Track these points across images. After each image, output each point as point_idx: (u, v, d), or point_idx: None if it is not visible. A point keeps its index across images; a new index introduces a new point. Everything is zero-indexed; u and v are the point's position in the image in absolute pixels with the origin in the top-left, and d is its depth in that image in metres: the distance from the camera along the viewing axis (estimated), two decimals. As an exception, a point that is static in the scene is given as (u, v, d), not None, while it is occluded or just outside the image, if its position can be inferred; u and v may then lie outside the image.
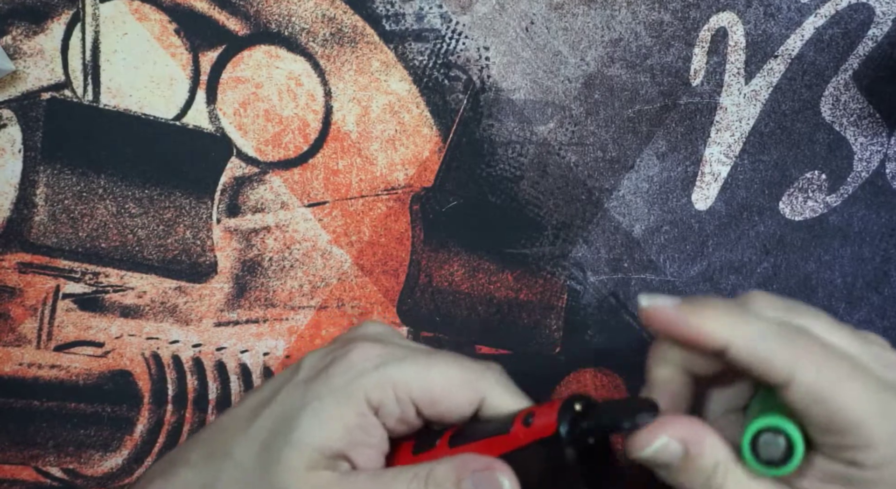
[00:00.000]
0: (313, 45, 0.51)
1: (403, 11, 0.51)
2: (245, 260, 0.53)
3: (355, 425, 0.41)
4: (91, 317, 0.53)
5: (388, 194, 0.53)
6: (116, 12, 0.51)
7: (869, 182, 0.54)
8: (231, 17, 0.51)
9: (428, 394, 0.41)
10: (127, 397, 0.54)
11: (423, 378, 0.41)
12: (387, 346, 0.42)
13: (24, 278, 0.53)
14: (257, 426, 0.42)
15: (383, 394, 0.41)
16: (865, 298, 0.55)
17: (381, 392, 0.41)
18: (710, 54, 0.52)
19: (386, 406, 0.41)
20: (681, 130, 0.53)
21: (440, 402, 0.41)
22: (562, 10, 0.52)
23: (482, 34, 0.52)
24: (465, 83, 0.52)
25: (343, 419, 0.41)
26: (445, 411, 0.42)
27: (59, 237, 0.53)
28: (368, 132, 0.52)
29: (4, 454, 0.55)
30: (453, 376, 0.42)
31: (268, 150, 0.52)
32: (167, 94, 0.51)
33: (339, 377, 0.41)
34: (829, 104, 0.53)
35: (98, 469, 0.55)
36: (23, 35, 0.51)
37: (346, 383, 0.41)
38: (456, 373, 0.42)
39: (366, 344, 0.43)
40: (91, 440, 0.55)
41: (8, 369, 0.54)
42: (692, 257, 0.54)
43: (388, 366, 0.41)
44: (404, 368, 0.41)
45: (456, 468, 0.40)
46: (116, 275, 0.53)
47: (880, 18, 0.52)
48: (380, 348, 0.42)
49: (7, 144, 0.52)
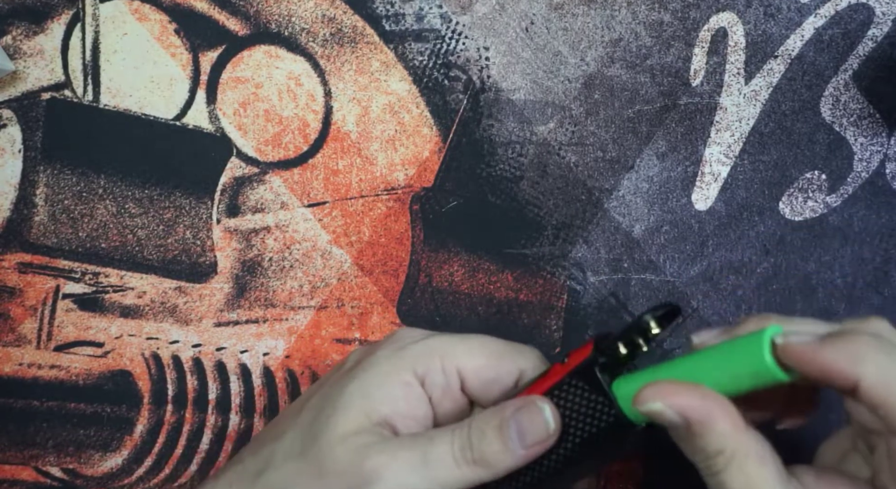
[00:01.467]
0: (313, 46, 0.51)
1: (403, 11, 0.51)
2: (245, 260, 0.53)
3: (402, 394, 0.41)
4: (91, 317, 0.53)
5: (388, 194, 0.53)
6: (116, 12, 0.51)
7: (869, 182, 0.54)
8: (231, 17, 0.51)
9: (472, 362, 0.42)
10: (127, 397, 0.54)
11: (466, 348, 0.43)
12: (429, 331, 0.44)
13: (24, 278, 0.53)
14: (307, 408, 0.43)
15: (429, 362, 0.42)
16: (866, 299, 0.55)
17: (427, 361, 0.42)
18: (710, 54, 0.52)
19: (431, 375, 0.42)
20: (681, 130, 0.53)
21: (483, 372, 0.42)
22: (562, 10, 0.52)
23: (482, 34, 0.52)
24: (465, 83, 0.52)
25: (389, 387, 0.41)
26: (488, 381, 0.42)
27: (59, 237, 0.53)
28: (368, 132, 0.52)
29: (4, 454, 0.55)
30: (494, 348, 0.43)
31: (268, 150, 0.52)
32: (167, 94, 0.51)
33: (385, 350, 0.43)
34: (829, 104, 0.53)
35: (98, 469, 0.55)
36: (23, 35, 0.51)
37: (391, 353, 0.42)
38: (496, 346, 0.43)
39: (409, 328, 0.45)
40: (91, 440, 0.55)
41: (8, 369, 0.54)
42: (692, 257, 0.54)
43: (433, 339, 0.43)
44: (448, 340, 0.43)
45: (496, 413, 0.41)
46: (116, 275, 0.53)
47: (880, 19, 0.52)
48: (423, 331, 0.44)
49: (7, 144, 0.52)
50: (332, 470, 0.40)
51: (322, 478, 0.40)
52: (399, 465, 0.39)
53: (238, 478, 0.43)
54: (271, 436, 0.43)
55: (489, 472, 0.40)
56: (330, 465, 0.40)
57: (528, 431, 0.40)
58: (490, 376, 0.43)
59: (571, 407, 0.40)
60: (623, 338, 0.40)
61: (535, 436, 0.40)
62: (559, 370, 0.41)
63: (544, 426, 0.40)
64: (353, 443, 0.40)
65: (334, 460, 0.40)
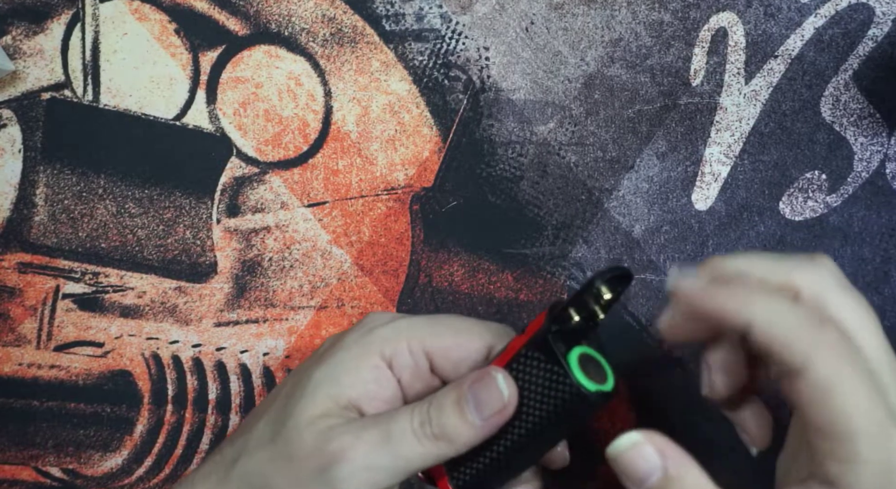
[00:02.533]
0: (313, 45, 0.51)
1: (403, 11, 0.51)
2: (245, 260, 0.53)
3: (370, 377, 0.42)
4: (91, 317, 0.53)
5: (388, 194, 0.53)
6: (116, 12, 0.51)
7: (869, 182, 0.54)
8: (231, 17, 0.51)
9: (439, 342, 0.42)
10: (127, 397, 0.54)
11: (433, 328, 0.43)
12: (398, 314, 0.45)
13: (24, 278, 0.53)
14: (280, 396, 0.43)
15: (396, 345, 0.42)
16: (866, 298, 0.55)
17: (395, 343, 0.42)
18: (710, 54, 0.52)
19: (399, 357, 0.42)
20: (681, 130, 0.53)
21: (451, 352, 0.42)
22: (562, 10, 0.52)
23: (482, 34, 0.52)
24: (465, 83, 0.52)
25: (357, 370, 0.42)
26: (457, 361, 0.42)
27: (59, 237, 0.53)
28: (368, 132, 0.52)
29: (4, 454, 0.55)
30: (461, 327, 0.43)
31: (268, 150, 0.52)
32: (167, 94, 0.51)
33: (354, 334, 0.43)
34: (829, 104, 0.53)
35: (98, 469, 0.55)
36: (23, 35, 0.51)
37: (359, 337, 0.43)
38: (464, 324, 0.43)
39: (379, 312, 0.45)
40: (91, 440, 0.55)
41: (8, 369, 0.54)
42: (692, 257, 0.54)
43: (401, 321, 0.43)
44: (415, 322, 0.43)
45: (454, 387, 0.41)
46: (116, 275, 0.53)
47: (880, 18, 0.52)
48: (391, 314, 0.44)
49: (7, 144, 0.52)
50: (299, 454, 0.40)
51: (291, 461, 0.41)
52: (363, 445, 0.40)
53: (216, 467, 0.43)
54: (247, 425, 0.44)
55: (451, 447, 0.40)
56: (297, 449, 0.41)
57: (486, 403, 0.40)
58: (459, 356, 0.43)
59: (529, 378, 0.40)
60: (574, 304, 0.40)
61: (492, 407, 0.40)
62: (518, 342, 0.41)
63: (500, 396, 0.40)
64: (319, 426, 0.41)
65: (301, 444, 0.41)
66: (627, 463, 0.37)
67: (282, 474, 0.41)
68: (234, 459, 0.43)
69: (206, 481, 0.43)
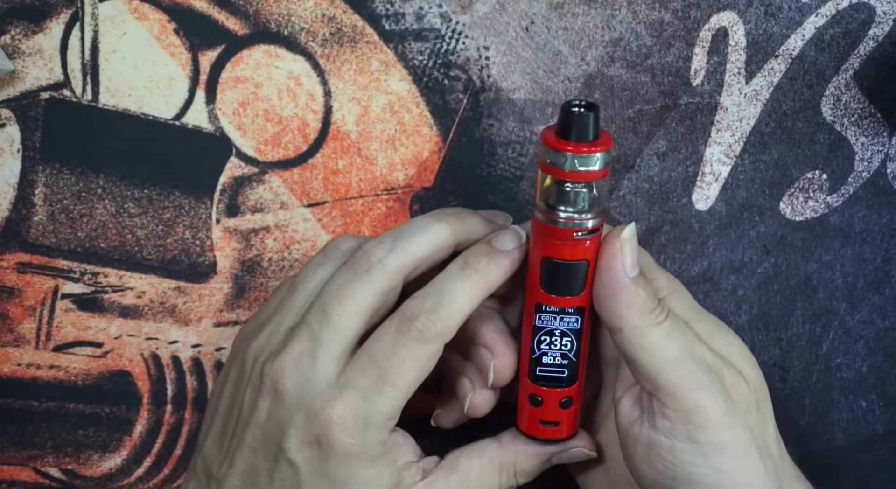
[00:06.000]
0: (313, 45, 0.51)
1: (403, 11, 0.51)
2: (244, 260, 0.53)
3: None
4: (90, 317, 0.53)
5: (388, 194, 0.53)
6: (115, 12, 0.51)
7: (870, 182, 0.54)
8: (230, 17, 0.51)
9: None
10: (126, 398, 0.54)
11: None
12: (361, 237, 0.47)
13: (23, 278, 0.53)
14: (260, 422, 0.44)
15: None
16: (866, 299, 0.55)
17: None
18: (710, 54, 0.52)
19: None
20: (681, 130, 0.53)
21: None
22: (562, 9, 0.51)
23: (482, 34, 0.52)
24: (465, 83, 0.52)
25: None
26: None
27: (58, 237, 0.53)
28: (368, 132, 0.52)
29: (3, 454, 0.55)
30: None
31: (267, 149, 0.52)
32: (166, 94, 0.51)
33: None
34: (829, 104, 0.53)
35: (97, 469, 0.55)
36: (21, 34, 0.51)
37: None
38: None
39: (342, 237, 0.47)
40: (90, 440, 0.55)
41: (6, 369, 0.54)
42: (692, 257, 0.54)
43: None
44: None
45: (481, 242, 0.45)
46: (115, 275, 0.53)
47: (881, 18, 0.52)
48: (356, 237, 0.47)
49: (6, 144, 0.52)
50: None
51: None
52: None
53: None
54: (223, 449, 0.45)
55: (486, 281, 0.43)
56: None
57: (507, 239, 0.44)
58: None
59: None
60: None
61: (513, 241, 0.44)
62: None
63: (517, 234, 0.44)
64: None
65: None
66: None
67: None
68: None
69: None
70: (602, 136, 0.41)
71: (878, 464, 0.57)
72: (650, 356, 0.42)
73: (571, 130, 0.40)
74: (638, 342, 0.42)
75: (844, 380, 0.56)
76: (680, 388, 0.41)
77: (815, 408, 0.56)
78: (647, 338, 0.42)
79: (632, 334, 0.42)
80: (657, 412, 0.42)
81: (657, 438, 0.42)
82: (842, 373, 0.56)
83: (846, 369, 0.56)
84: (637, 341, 0.42)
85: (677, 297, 0.45)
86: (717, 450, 0.41)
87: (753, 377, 0.44)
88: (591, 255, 0.43)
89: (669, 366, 0.41)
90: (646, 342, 0.42)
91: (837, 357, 0.56)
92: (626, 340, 0.42)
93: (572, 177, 0.41)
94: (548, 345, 0.44)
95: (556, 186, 0.42)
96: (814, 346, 0.56)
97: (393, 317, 0.42)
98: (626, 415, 0.44)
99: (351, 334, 0.42)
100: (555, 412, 0.45)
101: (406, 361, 0.41)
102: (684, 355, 0.42)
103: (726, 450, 0.42)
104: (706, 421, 0.41)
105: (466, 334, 0.45)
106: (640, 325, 0.42)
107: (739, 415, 0.42)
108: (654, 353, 0.42)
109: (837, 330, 0.55)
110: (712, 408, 0.41)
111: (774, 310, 0.55)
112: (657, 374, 0.41)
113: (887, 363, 0.56)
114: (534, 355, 0.45)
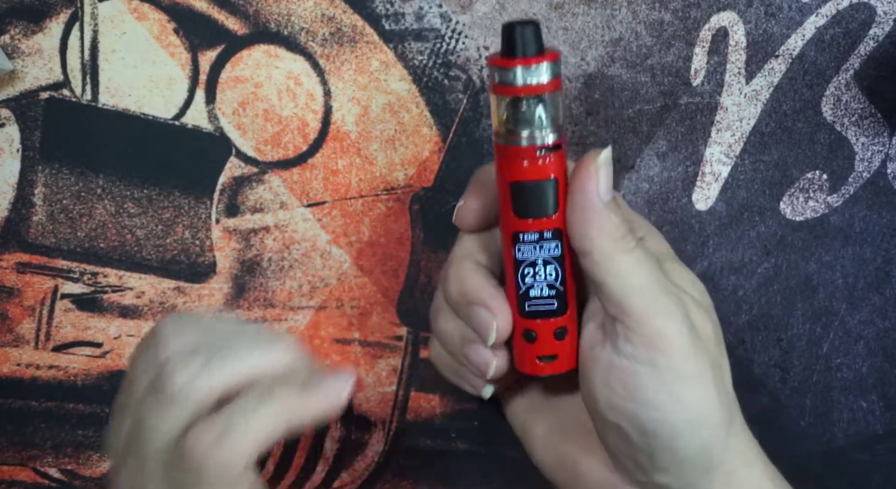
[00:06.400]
0: (313, 45, 0.51)
1: (403, 11, 0.51)
2: (244, 260, 0.53)
3: None
4: (89, 317, 0.53)
5: (388, 194, 0.53)
6: (115, 11, 0.50)
7: (870, 182, 0.54)
8: (230, 17, 0.51)
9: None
10: (125, 398, 0.54)
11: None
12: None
13: (23, 278, 0.53)
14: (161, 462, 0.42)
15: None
16: (867, 299, 0.55)
17: None
18: (710, 54, 0.52)
19: None
20: (681, 130, 0.53)
21: None
22: (562, 9, 0.51)
23: (482, 34, 0.52)
24: (465, 83, 0.52)
25: None
26: None
27: (58, 237, 0.53)
28: (368, 132, 0.52)
29: (2, 455, 0.55)
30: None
31: (267, 149, 0.52)
32: (166, 94, 0.51)
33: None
34: (830, 104, 0.53)
35: (96, 469, 0.55)
36: (21, 34, 0.51)
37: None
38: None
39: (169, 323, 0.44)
40: (89, 441, 0.55)
41: (6, 369, 0.54)
42: (692, 257, 0.54)
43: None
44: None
45: None
46: (115, 275, 0.53)
47: (881, 18, 0.52)
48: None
49: (5, 144, 0.52)
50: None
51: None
52: None
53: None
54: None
55: None
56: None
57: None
58: None
59: None
60: None
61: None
62: None
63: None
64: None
65: None
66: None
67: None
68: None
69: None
70: (548, 49, 0.41)
71: (879, 465, 0.57)
72: (618, 281, 0.41)
73: (516, 46, 0.41)
74: (607, 267, 0.41)
75: (845, 380, 0.56)
76: (646, 314, 0.41)
77: (815, 409, 0.56)
78: (617, 264, 0.41)
79: (601, 258, 0.41)
80: (620, 335, 0.42)
81: (618, 361, 0.42)
82: (842, 373, 0.56)
83: (846, 369, 0.56)
84: (606, 266, 0.41)
85: (652, 239, 0.45)
86: (677, 377, 0.41)
87: (715, 318, 0.44)
88: (559, 173, 0.42)
89: (636, 291, 0.41)
90: (614, 267, 0.41)
91: (838, 357, 0.56)
92: (595, 264, 0.42)
93: (524, 91, 0.41)
94: (532, 276, 0.44)
95: (511, 106, 0.42)
96: (814, 347, 0.55)
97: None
98: (589, 339, 0.44)
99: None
100: (551, 345, 0.45)
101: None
102: (651, 282, 0.42)
103: (685, 378, 0.42)
104: (669, 347, 0.41)
105: (460, 296, 0.45)
106: (610, 251, 0.41)
107: (702, 347, 0.42)
108: (623, 279, 0.41)
109: (838, 330, 0.55)
110: (676, 335, 0.41)
111: (774, 311, 0.55)
112: (623, 299, 0.41)
113: (887, 363, 0.56)
114: (520, 291, 0.44)
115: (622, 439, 0.43)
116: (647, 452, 0.43)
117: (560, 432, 0.48)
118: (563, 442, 0.47)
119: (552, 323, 0.44)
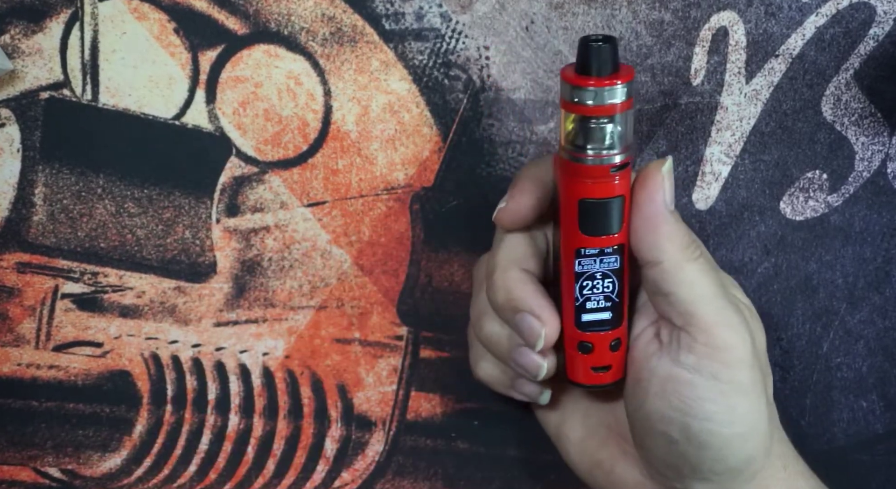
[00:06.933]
0: (313, 45, 0.51)
1: (403, 11, 0.51)
2: (244, 260, 0.53)
3: None
4: (90, 317, 0.53)
5: (388, 194, 0.53)
6: (115, 11, 0.50)
7: (870, 182, 0.54)
8: (230, 17, 0.51)
9: None
10: (126, 398, 0.54)
11: None
12: None
13: (23, 278, 0.53)
14: None
15: None
16: (867, 298, 0.55)
17: None
18: (710, 54, 0.52)
19: None
20: (681, 130, 0.53)
21: None
22: (562, 9, 0.51)
23: (482, 33, 0.52)
24: (465, 83, 0.52)
25: None
26: None
27: (58, 237, 0.53)
28: (368, 132, 0.52)
29: (3, 454, 0.55)
30: None
31: (267, 149, 0.52)
32: (166, 94, 0.51)
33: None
34: (830, 103, 0.53)
35: (97, 469, 0.55)
36: (21, 34, 0.51)
37: None
38: None
39: None
40: (90, 440, 0.55)
41: (6, 369, 0.54)
42: (693, 257, 0.54)
43: None
44: None
45: None
46: (115, 274, 0.53)
47: (881, 17, 0.52)
48: None
49: (5, 144, 0.52)
50: None
51: None
52: None
53: None
54: None
55: None
56: None
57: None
58: None
59: None
60: None
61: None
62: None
63: None
64: None
65: None
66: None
67: None
68: None
69: None
70: (623, 68, 0.40)
71: (879, 465, 0.57)
72: (688, 290, 0.42)
73: (592, 65, 0.40)
74: (676, 276, 0.42)
75: (845, 380, 0.56)
76: (713, 324, 0.41)
77: (815, 409, 0.56)
78: (686, 273, 0.42)
79: (671, 267, 0.42)
80: (683, 347, 0.42)
81: (677, 372, 0.42)
82: (842, 373, 0.56)
83: (846, 369, 0.56)
84: (676, 275, 0.42)
85: (703, 247, 0.46)
86: (736, 389, 0.42)
87: (762, 327, 0.45)
88: (625, 191, 0.42)
89: (704, 300, 0.42)
90: (684, 276, 0.42)
91: (838, 357, 0.56)
92: (665, 273, 0.42)
93: (597, 112, 0.40)
94: (590, 289, 0.44)
95: (582, 124, 0.41)
96: (814, 346, 0.55)
97: None
98: (643, 349, 0.44)
99: None
100: (607, 356, 0.45)
101: None
102: (718, 293, 0.42)
103: (743, 390, 0.42)
104: (732, 359, 0.41)
105: (507, 303, 0.45)
106: (679, 259, 0.42)
107: (757, 359, 0.42)
108: (691, 288, 0.42)
109: (838, 330, 0.55)
110: (741, 348, 0.42)
111: (775, 310, 0.55)
112: (692, 308, 0.42)
113: (888, 363, 0.56)
114: (577, 302, 0.44)
115: (668, 449, 0.43)
116: (693, 463, 0.43)
117: (596, 437, 0.48)
118: (599, 447, 0.48)
119: (608, 335, 0.44)
